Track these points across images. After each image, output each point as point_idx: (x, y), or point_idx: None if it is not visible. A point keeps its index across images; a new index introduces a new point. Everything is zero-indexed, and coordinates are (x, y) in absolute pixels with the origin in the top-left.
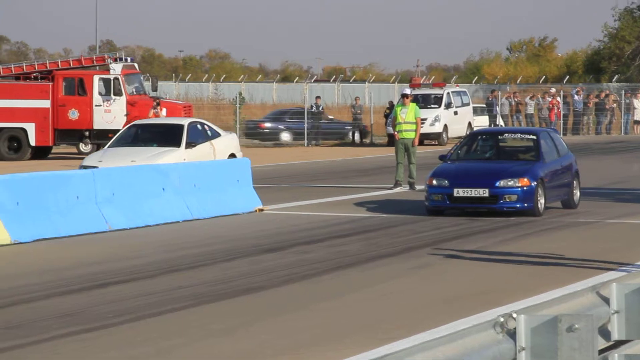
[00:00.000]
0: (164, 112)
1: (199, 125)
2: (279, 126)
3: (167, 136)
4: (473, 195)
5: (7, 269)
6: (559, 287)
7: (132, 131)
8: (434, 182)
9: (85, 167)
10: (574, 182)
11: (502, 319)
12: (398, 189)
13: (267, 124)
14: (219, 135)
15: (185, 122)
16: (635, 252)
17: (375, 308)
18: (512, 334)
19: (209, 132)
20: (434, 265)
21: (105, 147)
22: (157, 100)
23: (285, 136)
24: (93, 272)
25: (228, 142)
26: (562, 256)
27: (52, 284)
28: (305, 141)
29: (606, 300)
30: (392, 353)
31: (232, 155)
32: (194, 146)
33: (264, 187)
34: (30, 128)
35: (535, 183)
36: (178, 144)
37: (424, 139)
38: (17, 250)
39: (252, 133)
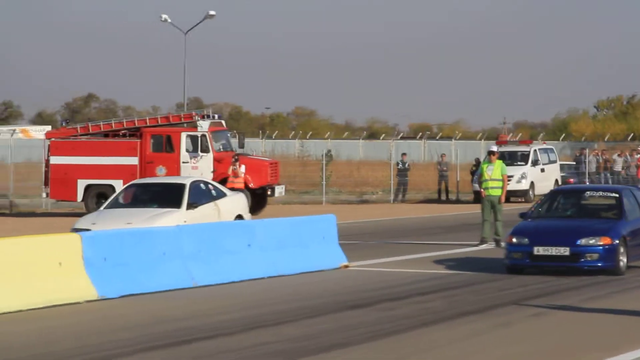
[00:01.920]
0: (242, 168)
1: (202, 185)
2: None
3: (168, 196)
4: (553, 253)
5: (94, 324)
6: None
7: (131, 190)
8: (514, 240)
9: (77, 230)
10: None
11: None
12: (484, 246)
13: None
14: (224, 195)
15: (187, 181)
16: None
17: None
18: None
19: (213, 191)
20: (519, 322)
21: (101, 207)
22: (236, 157)
23: None
24: (178, 328)
25: (235, 203)
26: None
27: (138, 339)
28: (392, 197)
29: None
30: None
31: (239, 217)
32: (196, 207)
33: (350, 244)
34: (119, 185)
35: (617, 241)
36: (179, 205)
37: (511, 196)
38: (103, 305)
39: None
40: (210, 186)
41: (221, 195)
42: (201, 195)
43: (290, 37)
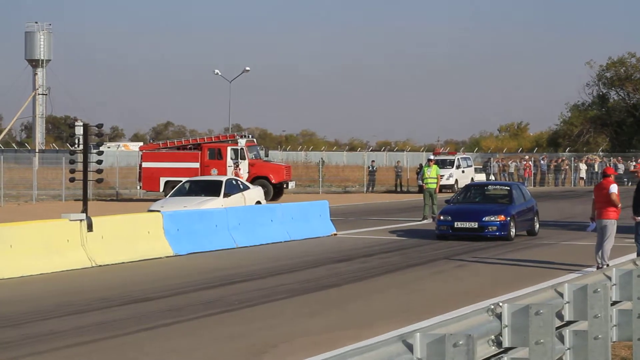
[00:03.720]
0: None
1: (234, 181)
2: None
3: (211, 189)
4: (467, 226)
5: (171, 271)
6: (531, 285)
7: (186, 185)
8: (441, 217)
9: (152, 211)
10: (535, 217)
11: (492, 307)
12: (424, 221)
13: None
14: (248, 188)
15: (223, 179)
16: (582, 262)
17: (410, 299)
18: (499, 316)
19: (241, 186)
20: (448, 270)
21: (167, 196)
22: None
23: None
24: (226, 274)
25: (255, 193)
26: (531, 265)
27: (200, 281)
28: (365, 189)
29: (561, 294)
30: (422, 328)
31: (258, 202)
32: (229, 196)
33: (337, 219)
34: None
35: (509, 218)
36: (218, 194)
37: (442, 188)
38: (177, 259)
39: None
40: (239, 182)
41: (246, 188)
42: (233, 188)
43: (298, 79)
